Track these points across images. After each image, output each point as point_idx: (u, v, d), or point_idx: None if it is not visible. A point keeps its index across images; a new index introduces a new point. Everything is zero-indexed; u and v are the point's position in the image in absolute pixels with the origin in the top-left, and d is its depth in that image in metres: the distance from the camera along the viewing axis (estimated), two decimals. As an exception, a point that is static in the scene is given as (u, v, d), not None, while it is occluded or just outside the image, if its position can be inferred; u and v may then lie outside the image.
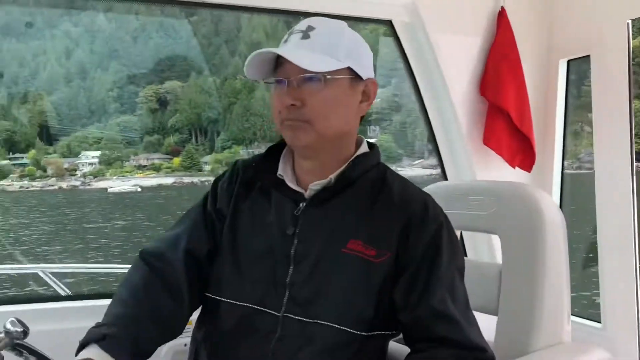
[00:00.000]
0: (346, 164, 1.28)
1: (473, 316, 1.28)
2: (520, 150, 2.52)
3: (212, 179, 1.49)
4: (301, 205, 1.28)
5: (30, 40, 62.62)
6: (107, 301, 1.88)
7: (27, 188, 44.09)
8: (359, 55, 1.25)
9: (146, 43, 58.27)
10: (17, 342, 1.19)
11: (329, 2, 2.22)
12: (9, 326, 1.19)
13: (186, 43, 54.90)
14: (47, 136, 52.57)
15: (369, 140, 1.40)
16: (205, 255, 1.34)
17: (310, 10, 2.23)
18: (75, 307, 1.83)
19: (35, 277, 2.63)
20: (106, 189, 38.37)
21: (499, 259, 1.77)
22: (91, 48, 62.06)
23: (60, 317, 1.73)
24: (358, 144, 1.34)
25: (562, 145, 2.60)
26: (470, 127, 2.51)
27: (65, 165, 46.43)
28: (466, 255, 2.40)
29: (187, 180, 42.31)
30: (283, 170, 1.30)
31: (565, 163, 2.63)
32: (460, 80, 2.43)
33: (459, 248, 1.31)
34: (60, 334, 1.52)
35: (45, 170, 46.56)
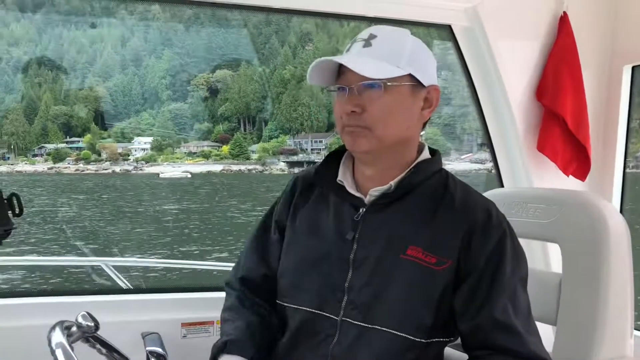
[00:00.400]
0: (407, 171, 1.27)
1: (535, 326, 1.25)
2: (575, 158, 2.44)
3: (259, 167, 1.50)
4: (361, 210, 1.26)
5: (88, 29, 64.74)
6: (167, 295, 1.93)
7: (83, 171, 45.70)
8: (420, 62, 1.24)
9: (199, 32, 59.16)
10: (88, 335, 1.24)
11: (388, 6, 2.18)
12: (80, 320, 1.23)
13: (237, 32, 55.53)
14: (102, 121, 54.55)
15: (432, 147, 1.36)
16: (275, 269, 1.39)
17: (369, 14, 2.19)
18: (136, 300, 1.88)
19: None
20: (157, 174, 39.27)
21: (554, 267, 1.73)
22: (145, 36, 63.65)
23: (123, 309, 1.78)
24: (420, 150, 1.32)
25: (623, 153, 2.51)
26: (525, 133, 2.39)
27: (119, 150, 47.87)
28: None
29: (235, 167, 42.97)
30: (343, 176, 1.31)
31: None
32: (518, 85, 2.36)
33: (523, 257, 1.27)
34: (124, 325, 1.58)
35: (99, 154, 48.25)
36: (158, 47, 60.10)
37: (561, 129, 2.38)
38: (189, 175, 38.39)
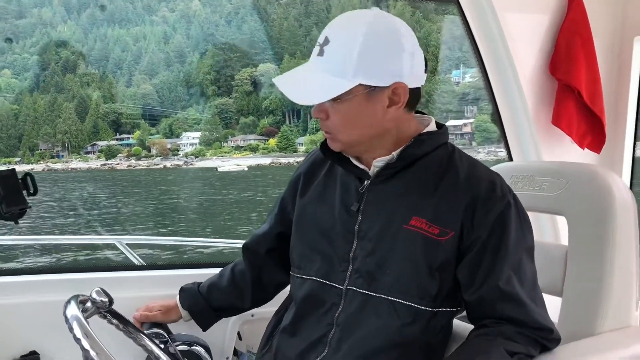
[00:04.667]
0: (408, 142, 1.26)
1: (541, 297, 1.24)
2: (590, 130, 2.40)
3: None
4: (366, 182, 1.27)
5: (131, 27, 65.88)
6: (179, 271, 1.93)
7: (134, 167, 46.74)
8: (373, 65, 1.17)
9: (240, 27, 59.67)
10: (103, 310, 1.26)
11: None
12: (95, 295, 1.23)
13: (279, 26, 55.80)
14: (150, 118, 55.64)
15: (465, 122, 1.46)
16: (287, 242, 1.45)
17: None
18: (149, 276, 1.91)
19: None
20: (215, 168, 39.89)
21: (563, 240, 1.70)
22: (187, 33, 64.46)
23: (136, 285, 1.80)
24: (425, 124, 1.30)
25: (634, 127, 2.47)
26: (537, 107, 2.33)
27: (168, 146, 48.85)
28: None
29: (283, 160, 43.29)
30: None
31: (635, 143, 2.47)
32: (529, 59, 2.32)
33: (529, 228, 1.25)
34: (138, 300, 1.62)
35: (149, 150, 49.45)
36: (200, 43, 60.86)
37: (576, 102, 2.35)
38: (246, 169, 38.96)
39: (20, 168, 48.96)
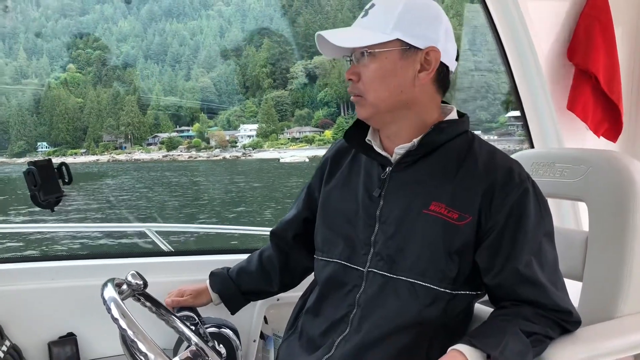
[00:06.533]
0: (430, 129, 1.28)
1: (562, 280, 1.26)
2: (607, 118, 2.36)
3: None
4: (387, 169, 1.30)
5: (188, 21, 67.25)
6: (208, 257, 1.97)
7: (195, 158, 47.96)
8: (413, 25, 1.22)
9: (294, 19, 60.06)
10: (137, 292, 1.29)
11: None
12: (130, 278, 1.26)
13: (333, 17, 55.98)
14: (209, 110, 56.90)
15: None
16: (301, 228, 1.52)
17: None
18: (179, 261, 1.94)
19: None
20: (277, 159, 40.61)
21: (584, 226, 1.71)
22: (243, 26, 65.32)
23: (167, 270, 1.84)
24: (447, 113, 1.33)
25: None
26: (556, 92, 2.31)
27: (226, 138, 49.82)
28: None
29: (340, 151, 43.43)
30: (372, 136, 1.34)
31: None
32: (548, 44, 2.30)
33: (548, 213, 1.27)
34: (169, 285, 1.65)
35: (208, 142, 50.58)
36: (255, 36, 61.69)
37: (592, 89, 2.32)
38: (307, 160, 39.54)
39: (86, 159, 51.04)
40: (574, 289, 1.40)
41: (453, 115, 1.32)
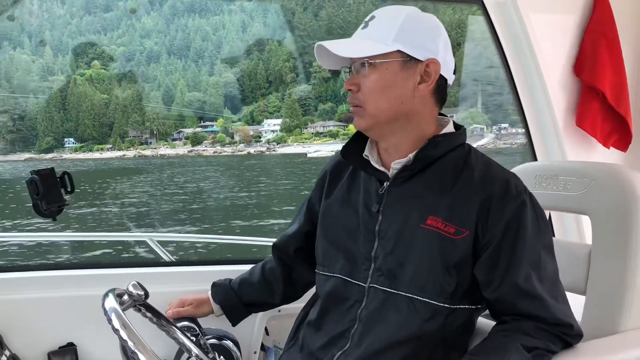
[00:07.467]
0: (425, 143, 1.28)
1: (562, 293, 1.24)
2: (615, 130, 2.35)
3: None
4: (385, 184, 1.30)
5: (210, 16, 67.56)
6: (210, 267, 1.96)
7: (220, 153, 48.26)
8: (414, 37, 1.22)
9: (317, 13, 60.05)
10: (139, 303, 1.27)
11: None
12: (131, 289, 1.25)
13: (356, 11, 55.75)
14: (232, 105, 57.17)
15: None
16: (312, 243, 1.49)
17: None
18: (180, 271, 1.93)
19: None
20: (304, 153, 40.78)
21: (587, 239, 1.71)
22: (265, 21, 65.46)
23: (169, 281, 1.83)
24: (443, 125, 1.32)
25: None
26: (562, 107, 2.31)
27: (250, 132, 50.03)
28: (554, 235, 2.11)
29: (364, 146, 43.38)
30: (369, 152, 1.34)
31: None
32: (554, 60, 2.29)
33: (546, 226, 1.26)
34: (170, 295, 1.65)
35: (232, 137, 50.92)
36: (277, 30, 61.75)
37: (600, 104, 2.31)
38: (333, 154, 39.62)
39: (112, 154, 51.69)
40: (577, 303, 1.41)
41: (449, 129, 1.32)
